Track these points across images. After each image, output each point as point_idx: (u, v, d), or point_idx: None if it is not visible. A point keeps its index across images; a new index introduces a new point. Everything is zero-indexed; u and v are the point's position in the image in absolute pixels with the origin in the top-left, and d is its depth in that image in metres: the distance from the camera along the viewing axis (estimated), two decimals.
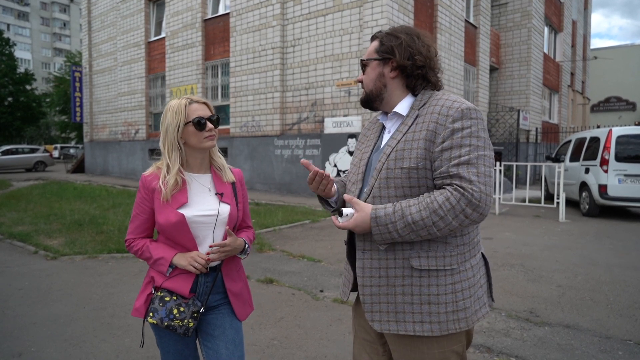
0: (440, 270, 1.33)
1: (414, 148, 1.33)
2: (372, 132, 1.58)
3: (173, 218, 1.60)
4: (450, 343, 1.36)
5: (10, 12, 67.09)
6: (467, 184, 1.24)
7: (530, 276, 4.77)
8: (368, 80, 1.48)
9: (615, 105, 36.96)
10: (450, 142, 1.28)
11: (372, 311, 1.40)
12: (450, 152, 1.27)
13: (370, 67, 1.47)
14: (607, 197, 8.49)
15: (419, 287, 1.33)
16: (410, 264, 1.34)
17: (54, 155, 31.78)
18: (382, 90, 1.46)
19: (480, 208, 1.24)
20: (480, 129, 1.30)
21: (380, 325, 1.38)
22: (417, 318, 1.33)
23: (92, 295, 4.13)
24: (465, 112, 1.29)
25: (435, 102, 1.37)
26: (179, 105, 1.64)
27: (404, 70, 1.42)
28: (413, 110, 1.41)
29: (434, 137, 1.30)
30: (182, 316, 1.60)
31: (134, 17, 17.52)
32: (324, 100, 11.36)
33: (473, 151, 1.26)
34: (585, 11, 28.44)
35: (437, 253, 1.33)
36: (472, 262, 1.39)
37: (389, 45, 1.42)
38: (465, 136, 1.27)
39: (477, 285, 1.39)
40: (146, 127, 17.22)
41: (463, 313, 1.34)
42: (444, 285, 1.33)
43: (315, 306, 3.86)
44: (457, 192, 1.24)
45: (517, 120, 16.15)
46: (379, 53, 1.45)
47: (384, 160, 1.38)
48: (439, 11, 12.19)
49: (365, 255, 1.40)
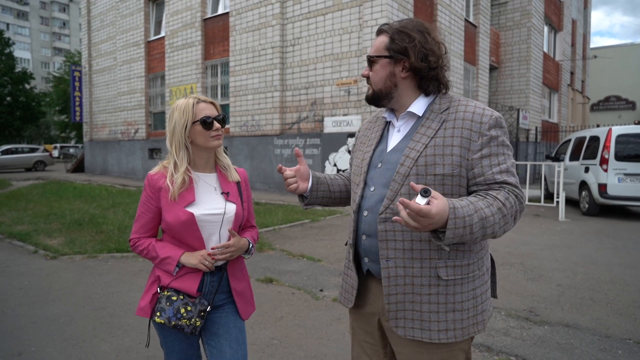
0: (465, 278, 1.33)
1: (447, 154, 1.29)
2: (373, 131, 1.52)
3: (182, 216, 1.60)
4: (460, 342, 1.37)
5: (9, 12, 67.03)
6: (517, 189, 1.27)
7: (530, 275, 4.78)
8: (377, 78, 1.40)
9: (615, 105, 36.97)
10: (488, 149, 1.28)
11: (396, 318, 1.36)
12: (490, 159, 1.28)
13: (380, 64, 1.39)
14: (607, 196, 8.49)
15: (445, 296, 1.32)
16: (437, 273, 1.31)
17: (53, 154, 31.74)
18: (392, 89, 1.40)
19: (523, 213, 1.30)
20: (507, 137, 1.35)
21: (405, 331, 1.36)
22: (442, 326, 1.32)
23: (92, 294, 4.13)
24: (498, 120, 1.31)
25: (463, 109, 1.34)
26: (186, 104, 1.64)
27: (418, 72, 1.36)
28: (434, 114, 1.36)
29: (469, 144, 1.29)
30: (190, 315, 1.60)
31: (133, 16, 17.50)
32: (323, 99, 11.36)
33: (507, 159, 1.30)
34: (585, 10, 28.43)
35: (462, 262, 1.32)
36: (487, 265, 1.41)
37: (402, 45, 1.34)
38: (500, 144, 1.30)
39: (487, 284, 1.41)
40: (146, 126, 17.21)
41: (481, 316, 1.36)
42: (467, 292, 1.33)
43: (315, 305, 3.87)
44: (513, 194, 1.25)
45: (517, 120, 16.15)
46: (390, 51, 1.37)
47: (411, 165, 1.32)
48: (439, 10, 12.18)
49: (390, 263, 1.34)
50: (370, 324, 1.50)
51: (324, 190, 1.62)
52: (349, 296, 1.51)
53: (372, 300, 1.46)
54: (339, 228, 7.29)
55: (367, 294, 1.49)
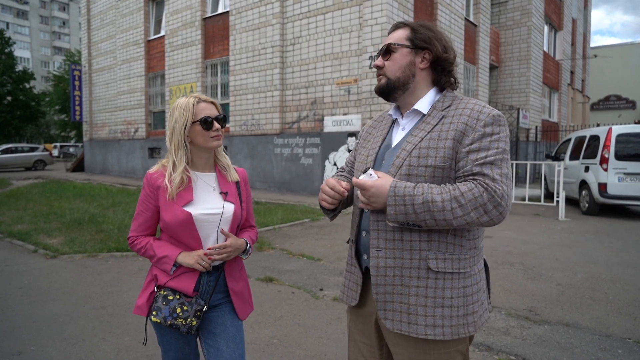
0: (455, 273, 1.32)
1: (440, 147, 1.31)
2: (379, 130, 1.54)
3: (180, 215, 1.61)
4: (456, 343, 1.36)
5: (9, 11, 66.98)
6: (490, 181, 1.23)
7: (530, 274, 4.78)
8: (395, 67, 1.41)
9: (615, 104, 36.95)
10: (478, 144, 1.28)
11: (385, 309, 1.38)
12: (477, 154, 1.27)
13: (400, 53, 1.41)
14: (607, 195, 8.49)
15: (434, 290, 1.32)
16: (427, 265, 1.32)
17: (53, 154, 31.74)
18: (409, 79, 1.41)
19: (500, 207, 1.23)
20: (507, 136, 1.32)
21: (393, 324, 1.36)
22: (430, 321, 1.32)
23: (92, 293, 4.13)
24: (496, 118, 1.31)
25: (463, 105, 1.36)
26: (187, 103, 1.64)
27: (437, 64, 1.40)
28: (436, 111, 1.39)
29: (462, 138, 1.30)
30: (186, 315, 1.60)
31: (133, 15, 17.49)
32: (323, 98, 11.35)
33: (499, 154, 1.28)
34: (585, 9, 28.42)
35: (453, 255, 1.32)
36: (479, 267, 1.40)
37: (425, 35, 1.39)
38: (493, 140, 1.29)
39: (481, 290, 1.40)
40: (146, 125, 17.21)
41: (472, 317, 1.34)
42: (457, 288, 1.33)
43: (315, 305, 3.86)
44: (481, 185, 1.23)
45: (517, 119, 16.15)
46: (413, 41, 1.40)
47: (405, 157, 1.35)
48: (439, 9, 12.18)
49: (380, 253, 1.36)
50: (367, 324, 1.50)
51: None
52: (353, 293, 1.51)
53: (371, 299, 1.46)
54: (339, 227, 7.29)
55: (366, 292, 1.49)
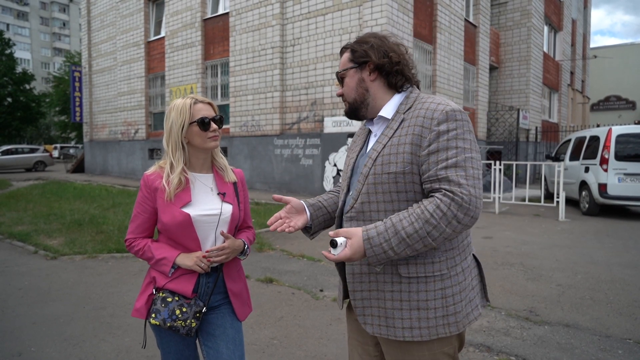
0: (430, 276, 1.32)
1: (399, 152, 1.31)
2: (360, 138, 1.57)
3: (179, 217, 1.60)
4: (441, 345, 1.36)
5: (9, 12, 67.04)
6: (457, 188, 1.21)
7: (530, 275, 4.78)
8: (349, 90, 1.46)
9: (615, 104, 36.97)
10: (436, 145, 1.26)
11: (364, 314, 1.41)
12: (437, 155, 1.25)
13: (349, 76, 1.45)
14: (607, 196, 8.49)
15: (408, 293, 1.33)
16: (398, 271, 1.33)
17: (53, 155, 31.74)
18: (365, 95, 1.44)
19: (471, 211, 1.21)
20: (466, 130, 1.28)
21: (372, 328, 1.40)
22: (407, 324, 1.33)
23: (92, 294, 4.13)
24: (450, 114, 1.27)
25: (420, 106, 1.35)
26: (183, 104, 1.64)
27: (383, 69, 1.41)
28: (398, 114, 1.39)
29: (420, 141, 1.28)
30: (185, 317, 1.60)
31: (133, 16, 17.51)
32: (323, 99, 11.36)
33: (460, 153, 1.24)
34: (585, 10, 28.43)
35: (425, 260, 1.32)
36: (463, 266, 1.37)
37: (361, 50, 1.42)
38: (451, 138, 1.25)
39: (468, 289, 1.39)
40: (146, 126, 17.22)
41: (453, 317, 1.33)
42: (433, 290, 1.32)
43: (315, 305, 3.87)
44: (447, 197, 1.21)
45: (517, 119, 16.15)
46: (353, 60, 1.44)
47: (370, 165, 1.36)
48: (439, 10, 12.19)
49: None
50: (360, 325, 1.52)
51: (323, 214, 1.62)
52: (340, 298, 1.60)
53: None
54: None
55: None
